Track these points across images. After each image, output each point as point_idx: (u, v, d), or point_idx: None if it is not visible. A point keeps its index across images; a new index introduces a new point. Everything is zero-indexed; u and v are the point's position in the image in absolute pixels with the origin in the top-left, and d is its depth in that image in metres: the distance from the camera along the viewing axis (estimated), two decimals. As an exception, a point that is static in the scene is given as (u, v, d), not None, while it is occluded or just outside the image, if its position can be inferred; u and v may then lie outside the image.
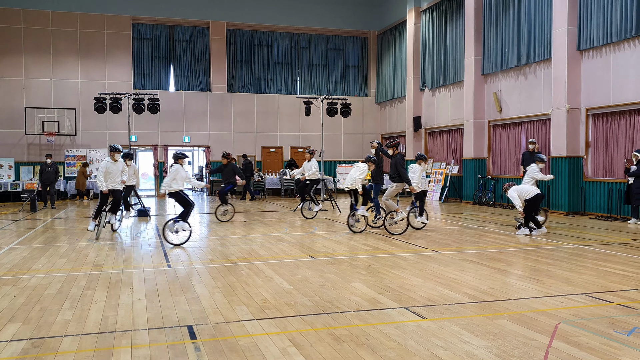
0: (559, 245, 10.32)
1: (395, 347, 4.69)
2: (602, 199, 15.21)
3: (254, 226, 13.65)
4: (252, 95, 26.95)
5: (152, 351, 4.65)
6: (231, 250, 9.93)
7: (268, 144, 27.14)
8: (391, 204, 11.97)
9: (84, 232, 12.69)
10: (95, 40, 24.87)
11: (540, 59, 17.33)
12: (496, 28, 19.36)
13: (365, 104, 28.71)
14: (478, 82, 20.25)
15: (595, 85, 15.42)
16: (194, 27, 26.45)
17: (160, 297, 6.48)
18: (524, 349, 4.62)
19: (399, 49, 26.51)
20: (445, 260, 8.87)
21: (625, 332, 5.05)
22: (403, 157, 12.33)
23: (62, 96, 24.36)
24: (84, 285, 7.17)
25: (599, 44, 15.16)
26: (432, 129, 23.93)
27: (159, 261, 8.95)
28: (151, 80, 25.90)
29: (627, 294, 6.52)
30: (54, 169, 19.10)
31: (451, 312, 5.77)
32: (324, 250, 9.91)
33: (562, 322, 5.37)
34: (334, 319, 5.54)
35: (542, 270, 8.00)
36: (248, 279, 7.49)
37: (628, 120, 14.60)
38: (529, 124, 18.19)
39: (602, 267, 8.21)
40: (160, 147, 25.60)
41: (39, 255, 9.55)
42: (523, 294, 6.57)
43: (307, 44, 28.09)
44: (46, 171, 18.98)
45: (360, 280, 7.36)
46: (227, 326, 5.33)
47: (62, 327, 5.34)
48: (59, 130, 23.64)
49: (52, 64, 24.37)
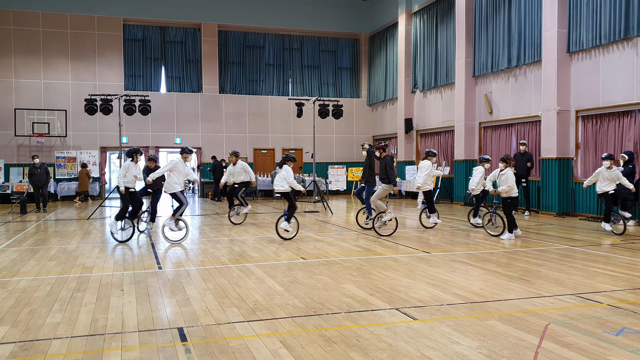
0: (549, 247, 10.37)
1: (386, 348, 4.70)
2: (591, 200, 15.30)
3: (245, 228, 13.63)
4: (243, 97, 26.91)
5: (142, 353, 4.63)
6: (222, 252, 9.91)
7: (260, 146, 27.10)
8: (380, 204, 11.99)
9: (74, 234, 12.62)
10: (86, 41, 24.75)
11: (531, 61, 17.43)
12: (487, 30, 19.46)
13: (357, 105, 28.74)
14: (469, 84, 20.34)
15: (584, 87, 15.53)
16: (186, 28, 26.39)
17: (151, 299, 6.46)
18: (514, 350, 4.65)
19: (390, 51, 26.58)
20: (436, 261, 8.89)
21: (614, 332, 5.08)
22: (392, 158, 12.37)
23: (52, 97, 24.22)
24: (73, 287, 7.13)
25: (589, 47, 15.27)
26: (424, 130, 23.99)
27: (150, 263, 8.92)
28: (142, 81, 25.81)
29: (616, 295, 6.57)
30: (44, 170, 18.64)
31: (442, 313, 5.79)
32: (316, 251, 9.91)
33: (551, 323, 5.40)
34: (325, 321, 5.54)
35: (532, 271, 8.04)
36: (239, 280, 7.48)
37: (617, 122, 14.71)
38: (520, 125, 18.28)
39: (591, 267, 8.27)
40: (152, 149, 25.50)
41: (28, 257, 9.49)
42: (513, 294, 6.60)
43: (298, 45, 28.10)
44: (36, 173, 18.46)
45: (351, 281, 7.37)
46: (217, 328, 5.31)
47: (52, 329, 5.30)
48: (49, 132, 23.50)
49: (42, 65, 24.22)
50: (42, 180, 18.57)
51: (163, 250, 10.25)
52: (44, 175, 18.61)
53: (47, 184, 18.90)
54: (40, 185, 18.62)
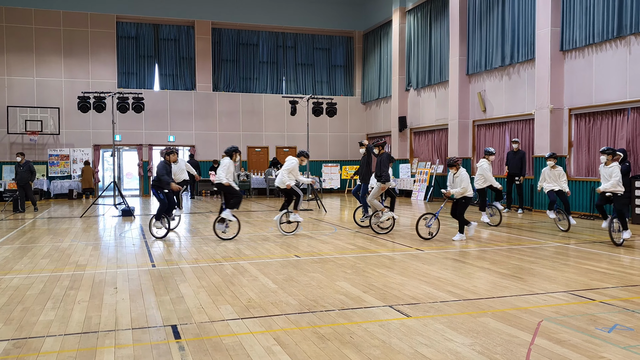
0: (542, 244, 10.42)
1: (379, 345, 4.71)
2: (584, 198, 15.37)
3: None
4: (237, 95, 26.86)
5: (135, 351, 4.62)
6: (216, 250, 9.90)
7: (253, 144, 27.07)
8: (377, 203, 12.02)
9: (67, 231, 12.58)
10: (79, 38, 24.63)
11: (524, 59, 17.48)
12: (480, 28, 19.49)
13: (350, 103, 28.74)
14: (463, 82, 20.38)
15: (577, 85, 15.59)
16: (179, 26, 26.31)
17: (145, 297, 6.45)
18: (507, 346, 4.67)
19: (384, 49, 26.59)
20: (430, 259, 8.92)
21: (606, 329, 5.11)
22: (388, 157, 12.38)
23: (45, 95, 24.09)
24: (67, 285, 7.10)
25: (582, 45, 15.32)
26: (417, 128, 24.02)
27: (144, 261, 8.90)
28: (136, 79, 25.72)
29: (609, 292, 6.61)
30: (27, 168, 17.59)
31: (435, 310, 5.81)
32: (310, 249, 9.92)
33: (544, 320, 5.43)
34: (318, 318, 5.55)
35: (525, 268, 8.08)
36: (233, 278, 7.47)
37: (610, 120, 14.78)
38: (513, 123, 18.34)
39: (584, 265, 8.31)
40: (145, 147, 25.43)
41: (21, 255, 9.45)
42: (506, 292, 6.63)
43: (292, 43, 28.06)
44: (19, 171, 17.58)
45: (345, 279, 7.38)
46: (211, 325, 5.31)
47: (45, 327, 5.29)
48: (42, 130, 23.38)
49: (35, 62, 24.09)
50: (24, 178, 17.56)
51: (156, 248, 10.23)
52: (26, 174, 17.59)
53: (30, 181, 17.71)
54: (23, 184, 17.62)
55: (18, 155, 17.97)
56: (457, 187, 10.70)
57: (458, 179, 10.78)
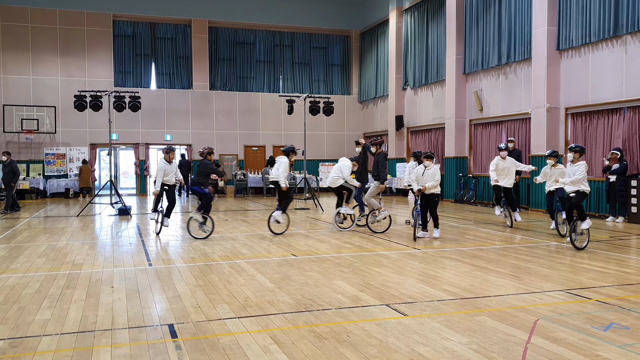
0: (539, 243, 10.44)
1: (376, 344, 4.71)
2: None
3: (236, 224, 13.61)
4: (234, 94, 26.84)
5: (132, 350, 4.61)
6: (213, 249, 9.89)
7: (250, 143, 27.04)
8: (374, 202, 12.02)
9: (64, 230, 12.55)
10: (75, 37, 24.57)
11: (521, 58, 17.50)
12: (477, 28, 19.51)
13: (347, 102, 28.75)
14: (459, 81, 20.40)
15: (574, 84, 15.62)
16: (176, 24, 26.26)
17: (141, 296, 6.44)
18: (504, 345, 4.68)
19: (381, 48, 26.60)
20: (427, 257, 8.93)
21: (602, 328, 5.13)
22: (385, 156, 12.40)
23: (41, 94, 24.02)
24: (63, 284, 7.09)
25: (578, 44, 15.35)
26: (414, 127, 24.04)
27: (140, 260, 8.89)
28: (132, 77, 25.66)
29: (604, 290, 6.62)
30: (9, 168, 17.08)
31: (432, 309, 5.81)
32: (307, 248, 9.92)
33: (541, 318, 5.44)
34: (315, 317, 5.55)
35: (521, 267, 8.09)
36: (230, 277, 7.47)
37: (606, 119, 14.81)
38: (510, 122, 18.36)
39: (580, 264, 8.33)
40: (142, 146, 25.39)
41: (17, 254, 9.42)
42: (503, 290, 6.64)
43: (289, 42, 28.05)
44: (2, 171, 17.10)
45: (342, 278, 7.38)
46: (208, 324, 5.31)
47: (41, 326, 5.28)
48: (38, 128, 23.32)
49: (31, 61, 24.02)
50: (6, 179, 17.13)
51: (153, 247, 10.22)
52: (9, 174, 17.09)
53: (11, 182, 17.11)
54: (5, 184, 17.21)
55: (4, 155, 17.60)
56: (430, 181, 10.74)
57: (431, 172, 10.82)
